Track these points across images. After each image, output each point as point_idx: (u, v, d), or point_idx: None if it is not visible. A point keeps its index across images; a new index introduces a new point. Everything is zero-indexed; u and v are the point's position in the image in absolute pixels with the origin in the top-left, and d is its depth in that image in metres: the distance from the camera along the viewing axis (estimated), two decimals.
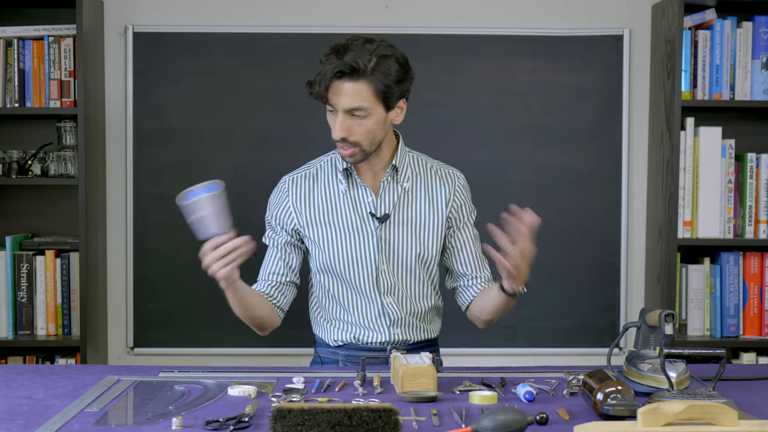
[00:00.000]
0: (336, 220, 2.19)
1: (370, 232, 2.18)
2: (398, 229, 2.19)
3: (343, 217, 2.19)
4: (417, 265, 2.20)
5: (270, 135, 3.25)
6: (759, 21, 3.10)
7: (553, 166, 3.28)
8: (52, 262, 3.09)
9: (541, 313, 3.30)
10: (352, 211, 2.18)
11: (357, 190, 2.19)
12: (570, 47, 3.27)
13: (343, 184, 2.19)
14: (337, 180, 2.20)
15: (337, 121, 2.07)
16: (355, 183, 2.19)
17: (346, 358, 2.24)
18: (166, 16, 3.26)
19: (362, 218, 2.18)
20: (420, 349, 2.23)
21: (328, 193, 2.21)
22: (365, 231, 2.18)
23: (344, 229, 2.18)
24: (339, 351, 2.25)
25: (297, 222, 2.21)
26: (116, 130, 3.26)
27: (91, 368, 2.14)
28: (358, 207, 2.19)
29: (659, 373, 1.78)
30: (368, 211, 2.18)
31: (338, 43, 2.08)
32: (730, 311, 3.14)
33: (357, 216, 2.18)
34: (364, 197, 2.19)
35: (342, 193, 2.19)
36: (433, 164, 2.27)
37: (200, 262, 3.26)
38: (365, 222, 2.18)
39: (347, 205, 2.19)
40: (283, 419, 1.43)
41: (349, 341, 2.23)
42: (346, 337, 2.23)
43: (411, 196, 2.21)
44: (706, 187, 3.09)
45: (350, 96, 2.05)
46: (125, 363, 3.24)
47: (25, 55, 3.06)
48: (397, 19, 3.28)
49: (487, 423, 1.50)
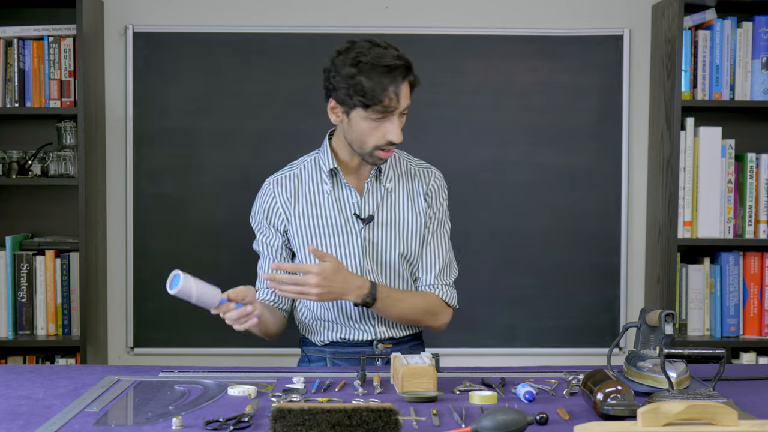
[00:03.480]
0: (321, 220, 2.19)
1: (354, 233, 2.18)
2: (382, 230, 2.19)
3: (328, 218, 2.19)
4: (401, 264, 2.21)
5: (270, 135, 3.25)
6: (759, 21, 3.10)
7: (553, 166, 3.28)
8: (52, 262, 3.08)
9: (541, 313, 3.30)
10: (336, 212, 2.19)
11: (342, 191, 2.20)
12: (570, 47, 3.27)
13: (327, 184, 2.19)
14: (322, 180, 2.20)
15: (397, 124, 2.07)
16: (340, 183, 2.20)
17: (333, 355, 2.25)
18: (166, 16, 3.26)
19: (346, 219, 2.19)
20: (405, 344, 2.26)
21: (313, 194, 2.21)
22: (350, 232, 2.18)
23: (329, 229, 2.18)
24: (326, 349, 2.26)
25: (286, 221, 2.21)
26: (116, 130, 3.26)
27: (91, 368, 2.14)
28: (342, 208, 2.19)
29: (659, 373, 1.78)
30: (353, 213, 2.18)
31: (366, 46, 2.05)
32: (730, 311, 3.14)
33: (341, 217, 2.19)
34: (349, 198, 2.19)
35: (327, 194, 2.20)
36: (412, 163, 2.28)
37: (200, 262, 3.28)
38: (349, 223, 2.18)
39: (332, 206, 2.19)
40: (283, 419, 1.43)
41: (336, 340, 2.24)
42: (333, 336, 2.24)
43: (393, 197, 2.22)
44: (706, 187, 3.09)
45: (406, 97, 2.08)
46: (125, 363, 3.24)
47: (25, 55, 3.06)
48: (397, 19, 3.28)
49: (487, 423, 1.50)
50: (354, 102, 2.05)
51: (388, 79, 2.03)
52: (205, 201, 3.25)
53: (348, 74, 2.04)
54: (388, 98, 2.03)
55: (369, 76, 2.02)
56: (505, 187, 3.27)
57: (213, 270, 3.24)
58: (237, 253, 3.23)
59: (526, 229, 3.28)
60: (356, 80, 2.03)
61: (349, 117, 2.09)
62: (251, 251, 2.32)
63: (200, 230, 3.25)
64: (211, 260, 3.24)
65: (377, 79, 2.02)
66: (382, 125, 2.07)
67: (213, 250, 3.25)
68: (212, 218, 3.25)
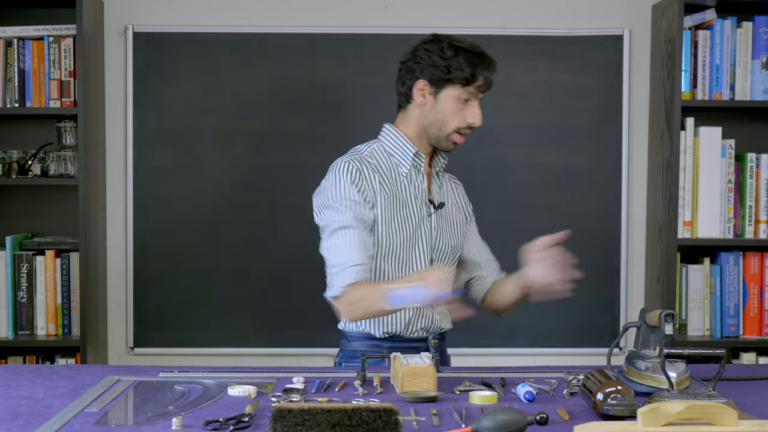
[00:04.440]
0: (399, 201, 2.21)
1: (425, 218, 2.23)
2: (441, 219, 2.27)
3: (404, 200, 2.22)
4: (451, 255, 2.30)
5: (270, 135, 3.25)
6: (759, 21, 3.10)
7: (553, 166, 3.28)
8: (52, 262, 3.08)
9: (541, 313, 3.29)
10: (412, 195, 2.23)
11: (416, 177, 2.25)
12: (570, 47, 3.27)
13: (404, 167, 2.23)
14: (395, 164, 2.23)
15: (479, 109, 2.21)
16: (415, 169, 2.25)
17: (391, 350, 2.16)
18: (166, 16, 3.26)
19: (420, 203, 2.24)
20: (443, 340, 2.34)
21: (391, 175, 2.23)
22: (423, 216, 2.23)
23: (406, 211, 2.21)
24: (384, 344, 2.22)
25: (373, 196, 2.17)
26: (116, 130, 3.26)
27: (91, 368, 2.14)
28: (419, 192, 2.24)
29: (659, 373, 1.78)
30: (427, 198, 2.25)
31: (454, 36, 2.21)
32: (730, 311, 3.14)
33: (418, 200, 2.24)
34: (421, 184, 2.25)
35: (402, 176, 2.23)
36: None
37: (200, 262, 3.28)
38: (422, 207, 2.24)
39: (408, 190, 2.23)
40: (283, 419, 1.43)
41: (399, 332, 2.21)
42: (396, 327, 2.21)
43: (443, 192, 2.33)
44: (706, 187, 3.09)
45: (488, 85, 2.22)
46: (125, 363, 3.24)
47: (25, 55, 3.06)
48: (397, 19, 3.28)
49: (487, 423, 1.50)
50: (454, 77, 2.15)
51: (483, 65, 2.18)
52: (205, 201, 3.25)
53: (448, 55, 2.16)
54: (482, 79, 2.18)
55: (467, 57, 2.16)
56: (505, 187, 3.27)
57: (213, 270, 3.24)
58: (237, 253, 3.23)
59: (526, 229, 3.27)
60: (457, 59, 2.16)
61: (437, 97, 2.19)
62: (251, 251, 2.32)
63: (200, 230, 3.25)
64: (212, 260, 3.24)
65: (476, 60, 2.17)
66: (466, 108, 2.19)
67: (213, 250, 3.24)
68: (212, 218, 3.25)
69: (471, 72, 2.15)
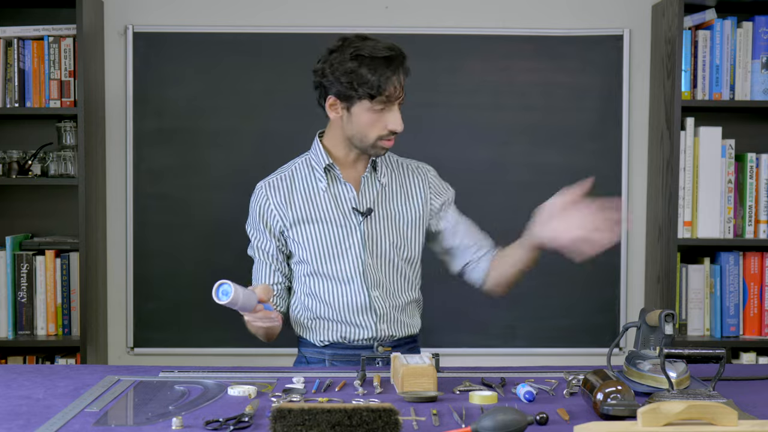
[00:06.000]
0: (319, 216, 2.20)
1: (353, 227, 2.20)
2: (379, 224, 2.22)
3: (325, 213, 2.20)
4: (399, 259, 2.23)
5: (270, 135, 3.25)
6: (759, 21, 3.10)
7: (553, 166, 3.27)
8: (52, 262, 3.08)
9: (541, 313, 3.30)
10: (334, 207, 2.20)
11: (338, 187, 2.21)
12: (570, 47, 3.27)
13: (323, 181, 2.21)
14: (316, 179, 2.22)
15: (398, 113, 2.13)
16: (335, 180, 2.21)
17: (333, 357, 2.25)
18: (166, 16, 3.26)
19: (344, 213, 2.20)
20: (403, 346, 2.26)
21: (308, 192, 2.22)
22: (350, 226, 2.20)
23: (329, 225, 2.19)
24: (325, 351, 2.25)
25: (282, 224, 2.22)
26: (116, 130, 3.26)
27: (91, 368, 2.14)
28: (340, 203, 2.20)
29: (659, 373, 1.78)
30: (351, 206, 2.20)
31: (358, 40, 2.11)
32: (730, 311, 3.14)
33: (339, 212, 2.20)
34: (346, 193, 2.21)
35: (322, 191, 2.21)
36: (403, 161, 2.32)
37: (200, 262, 3.28)
38: (348, 217, 2.20)
39: (329, 202, 2.20)
40: (283, 419, 1.43)
41: (336, 340, 2.24)
42: (332, 336, 2.24)
43: (388, 191, 2.25)
44: (706, 187, 3.09)
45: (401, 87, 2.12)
46: (125, 363, 3.24)
47: (25, 55, 3.06)
48: (397, 19, 3.28)
49: (487, 423, 1.50)
50: (359, 94, 2.08)
51: (389, 70, 2.08)
52: (205, 201, 3.25)
53: (350, 69, 2.08)
54: (392, 87, 2.08)
55: (371, 68, 2.07)
56: (505, 187, 3.27)
57: (213, 270, 3.24)
58: (237, 253, 3.21)
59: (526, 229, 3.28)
60: (359, 73, 2.07)
61: (350, 111, 2.13)
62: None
63: (200, 230, 3.25)
64: (211, 260, 3.24)
65: (380, 70, 2.07)
66: (383, 116, 2.12)
67: (213, 250, 3.25)
68: (212, 218, 3.25)
69: (377, 84, 2.06)
